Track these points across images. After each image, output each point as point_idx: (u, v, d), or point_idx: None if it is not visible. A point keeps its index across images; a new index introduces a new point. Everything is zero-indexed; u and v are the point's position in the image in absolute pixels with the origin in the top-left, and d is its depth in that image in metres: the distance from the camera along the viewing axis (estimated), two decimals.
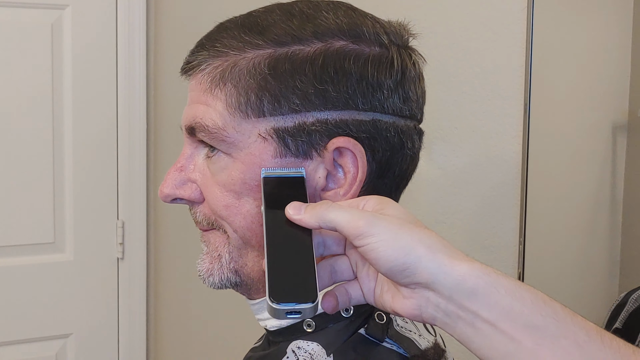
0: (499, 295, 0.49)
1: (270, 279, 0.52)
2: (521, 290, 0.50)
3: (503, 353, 0.49)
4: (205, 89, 0.64)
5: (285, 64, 0.61)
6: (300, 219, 0.55)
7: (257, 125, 0.62)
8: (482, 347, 0.50)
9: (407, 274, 0.51)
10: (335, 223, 0.53)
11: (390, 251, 0.50)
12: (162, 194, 0.67)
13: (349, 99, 0.61)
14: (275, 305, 0.51)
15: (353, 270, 0.58)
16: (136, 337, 2.15)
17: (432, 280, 0.50)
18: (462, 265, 0.50)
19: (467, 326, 0.50)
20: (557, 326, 0.49)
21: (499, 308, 0.49)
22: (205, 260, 0.68)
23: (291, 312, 0.51)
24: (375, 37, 0.63)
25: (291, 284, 0.52)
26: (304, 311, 0.51)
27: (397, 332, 0.64)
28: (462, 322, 0.50)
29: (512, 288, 0.50)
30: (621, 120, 0.98)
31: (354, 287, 0.58)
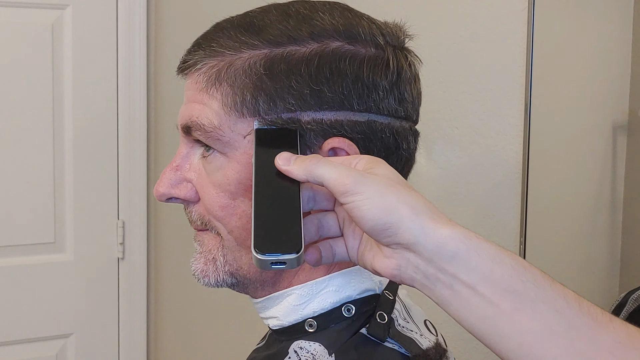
0: (480, 258, 0.50)
1: (256, 230, 0.53)
2: (502, 255, 0.51)
3: (481, 316, 0.50)
4: (201, 88, 0.64)
5: (281, 64, 0.61)
6: (288, 170, 0.56)
7: (252, 125, 0.62)
8: (460, 310, 0.51)
9: (388, 234, 0.51)
10: (322, 178, 0.53)
11: (375, 210, 0.51)
12: (158, 193, 0.67)
13: (344, 100, 0.61)
14: (260, 255, 0.52)
15: (340, 227, 0.59)
16: (136, 337, 2.15)
17: (413, 242, 0.51)
18: (445, 228, 0.51)
19: (445, 289, 0.51)
20: (535, 292, 0.49)
21: (478, 271, 0.50)
22: (199, 261, 0.68)
23: (276, 262, 0.52)
24: (371, 38, 0.63)
25: (276, 235, 0.53)
26: (288, 261, 0.52)
27: (398, 332, 0.64)
28: (441, 285, 0.51)
29: (493, 252, 0.50)
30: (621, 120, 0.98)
31: (339, 243, 0.59)
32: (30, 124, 1.97)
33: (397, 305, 0.67)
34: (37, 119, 1.98)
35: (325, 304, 0.65)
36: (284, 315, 0.66)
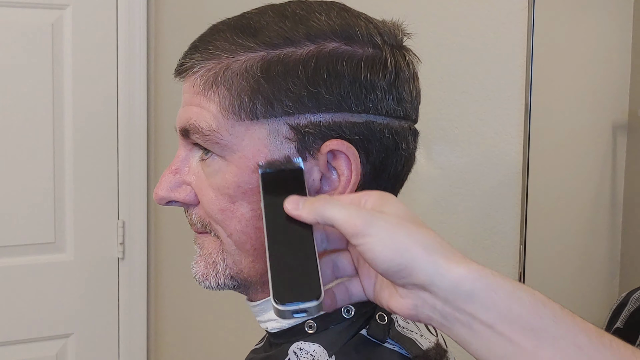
0: (497, 297, 0.49)
1: (274, 280, 0.52)
2: (519, 292, 0.50)
3: (501, 355, 0.49)
4: (198, 91, 0.63)
5: (278, 66, 0.61)
6: (298, 215, 0.54)
7: (250, 128, 0.61)
8: (480, 349, 0.50)
9: (402, 275, 0.50)
10: (332, 220, 0.52)
11: (387, 251, 0.50)
12: (157, 196, 0.67)
13: (342, 101, 0.61)
14: (281, 306, 0.50)
15: (354, 266, 0.58)
16: (136, 337, 2.15)
17: (428, 283, 0.50)
18: (460, 267, 0.49)
19: (464, 328, 0.50)
20: (556, 328, 0.49)
21: (496, 310, 0.49)
22: (199, 264, 0.68)
23: (297, 311, 0.51)
24: (369, 38, 0.62)
25: (295, 284, 0.52)
26: (309, 310, 0.51)
27: (398, 333, 0.64)
28: (459, 324, 0.50)
29: (510, 290, 0.49)
30: (621, 120, 0.98)
31: (355, 283, 0.57)
32: (30, 124, 1.97)
33: None
34: (37, 119, 1.98)
35: None
36: None
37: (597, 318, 1.03)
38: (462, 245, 1.14)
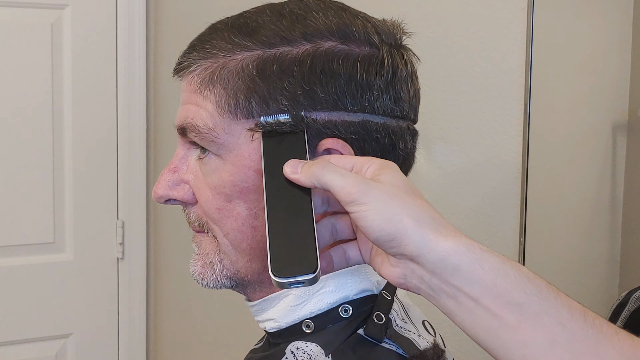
0: (483, 271, 0.50)
1: (272, 252, 0.54)
2: (505, 266, 0.51)
3: (485, 328, 0.50)
4: (195, 90, 0.64)
5: (274, 65, 0.61)
6: (296, 179, 0.56)
7: (246, 127, 0.62)
8: (465, 321, 0.51)
9: (392, 245, 0.52)
10: (328, 186, 0.54)
11: (379, 221, 0.51)
12: (156, 195, 0.67)
13: (337, 100, 0.61)
14: (278, 279, 0.53)
15: (353, 230, 0.59)
16: (136, 337, 2.15)
17: (417, 254, 0.51)
18: (448, 241, 0.51)
19: (450, 300, 0.51)
20: (539, 304, 0.50)
21: (482, 284, 0.50)
22: (197, 263, 0.68)
23: (294, 283, 0.53)
24: (366, 37, 0.62)
25: (292, 256, 0.54)
26: (305, 281, 0.53)
27: (396, 332, 0.63)
28: (446, 296, 0.52)
29: (496, 265, 0.51)
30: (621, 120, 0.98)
31: (353, 247, 0.59)
32: (29, 123, 1.97)
33: (395, 306, 0.66)
34: (36, 118, 1.98)
35: (322, 304, 0.64)
36: (281, 316, 0.66)
37: None
38: None
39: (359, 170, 0.56)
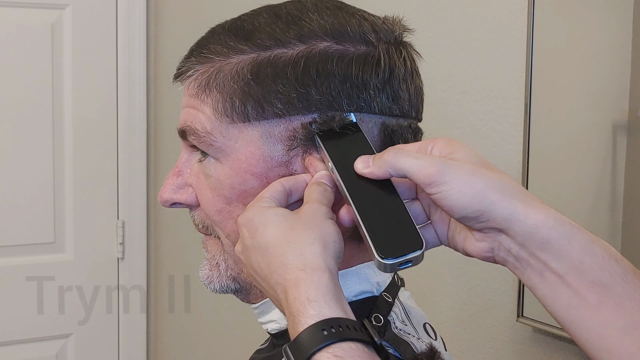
0: (571, 248, 0.50)
1: (374, 237, 0.53)
2: (594, 246, 0.51)
3: (566, 305, 0.51)
4: (192, 94, 0.64)
5: (268, 68, 0.60)
6: (370, 172, 0.56)
7: (243, 131, 0.62)
8: (547, 296, 0.51)
9: (480, 220, 0.52)
10: (405, 171, 0.53)
11: (464, 198, 0.51)
12: (162, 199, 0.68)
13: (332, 101, 0.60)
14: (387, 261, 0.52)
15: (426, 214, 0.59)
16: (136, 337, 2.15)
17: (506, 227, 0.51)
18: (537, 213, 0.51)
19: (535, 274, 0.52)
20: (623, 287, 0.50)
21: (568, 261, 0.50)
22: (205, 267, 0.69)
23: (402, 263, 0.52)
24: (361, 36, 0.62)
25: (395, 237, 0.53)
26: (414, 259, 0.52)
27: (394, 335, 0.63)
28: (531, 270, 0.52)
29: (584, 242, 0.51)
30: (621, 120, 0.98)
31: (429, 230, 0.58)
32: (30, 123, 1.97)
33: (396, 308, 0.66)
34: (36, 118, 1.98)
35: None
36: (281, 318, 0.66)
37: None
38: None
39: (424, 151, 0.56)
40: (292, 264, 0.53)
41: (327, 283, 0.52)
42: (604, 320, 0.49)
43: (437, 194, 0.52)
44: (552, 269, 0.51)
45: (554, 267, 0.50)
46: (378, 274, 0.66)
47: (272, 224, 0.55)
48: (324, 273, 0.52)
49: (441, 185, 0.51)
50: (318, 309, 0.50)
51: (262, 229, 0.55)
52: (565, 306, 0.51)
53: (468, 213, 0.51)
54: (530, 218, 0.51)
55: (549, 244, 0.50)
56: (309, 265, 0.52)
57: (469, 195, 0.51)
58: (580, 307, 0.50)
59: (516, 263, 0.52)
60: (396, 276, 0.69)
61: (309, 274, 0.52)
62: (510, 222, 0.51)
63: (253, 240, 0.56)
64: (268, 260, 0.54)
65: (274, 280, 0.54)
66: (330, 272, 0.53)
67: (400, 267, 0.52)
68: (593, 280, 0.50)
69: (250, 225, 0.56)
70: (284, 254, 0.54)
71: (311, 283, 0.51)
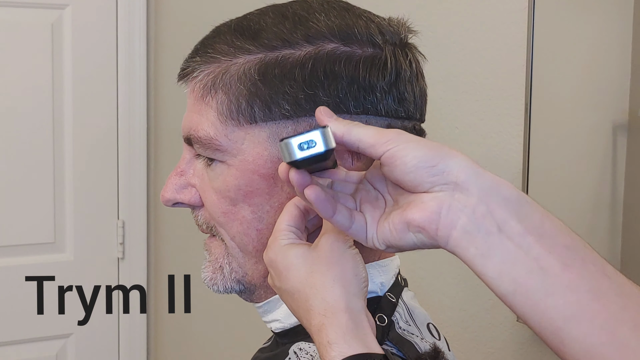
0: (531, 209, 0.48)
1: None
2: (551, 214, 0.49)
3: (527, 269, 0.47)
4: (197, 96, 0.64)
5: (275, 69, 0.60)
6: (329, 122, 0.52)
7: (249, 132, 0.61)
8: (504, 262, 0.47)
9: (435, 172, 0.48)
10: (360, 136, 0.51)
11: (420, 148, 0.49)
12: (164, 198, 0.67)
13: (340, 103, 0.60)
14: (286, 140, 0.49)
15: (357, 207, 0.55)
16: (136, 337, 2.15)
17: (464, 179, 0.48)
18: (495, 175, 0.49)
19: (490, 236, 0.47)
20: (585, 252, 0.47)
21: (529, 221, 0.47)
22: (208, 269, 0.69)
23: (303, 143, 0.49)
24: (368, 38, 0.61)
25: None
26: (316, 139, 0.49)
27: (398, 335, 0.63)
28: (485, 231, 0.47)
29: (542, 209, 0.49)
30: (621, 120, 0.98)
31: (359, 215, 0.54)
32: (30, 123, 1.97)
33: (399, 308, 0.66)
34: (36, 118, 1.98)
35: None
36: (285, 317, 0.66)
37: None
38: None
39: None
40: (315, 309, 0.54)
41: (347, 323, 0.53)
42: (570, 284, 0.46)
43: (392, 149, 0.49)
44: (512, 227, 0.47)
45: (514, 225, 0.47)
46: (382, 274, 0.66)
47: (294, 267, 0.57)
48: (344, 314, 0.53)
49: (397, 141, 0.49)
50: (338, 349, 0.51)
51: (286, 273, 0.57)
52: (528, 271, 0.46)
53: (424, 161, 0.48)
54: (489, 175, 0.48)
55: (510, 202, 0.48)
56: (329, 310, 0.54)
57: (426, 148, 0.49)
58: (544, 271, 0.46)
59: (468, 225, 0.47)
60: (399, 277, 0.69)
61: (329, 318, 0.53)
62: (470, 175, 0.48)
63: (280, 284, 0.58)
64: (296, 305, 0.57)
65: (304, 324, 0.56)
66: (351, 311, 0.54)
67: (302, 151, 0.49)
68: (556, 242, 0.47)
69: (274, 268, 0.58)
70: (307, 299, 0.55)
71: (330, 327, 0.53)
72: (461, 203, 0.48)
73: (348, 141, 0.52)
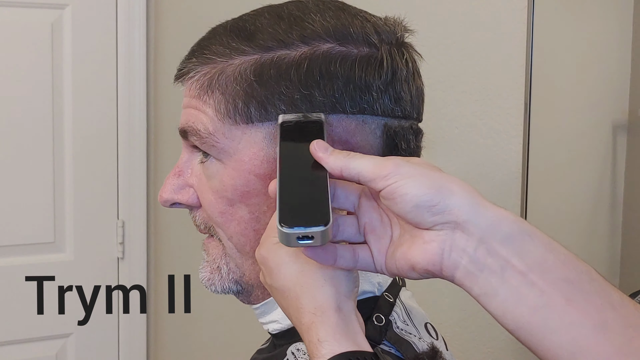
0: (533, 244, 0.47)
1: (281, 204, 0.50)
2: (554, 243, 0.48)
3: (531, 307, 0.46)
4: (194, 95, 0.64)
5: (271, 69, 0.60)
6: (325, 158, 0.52)
7: (246, 132, 0.61)
8: (508, 300, 0.47)
9: (436, 211, 0.48)
10: (359, 170, 0.50)
11: (421, 186, 0.48)
12: (162, 199, 0.67)
13: (336, 103, 0.60)
14: (286, 229, 0.48)
15: (360, 232, 0.55)
16: (136, 337, 2.15)
17: (465, 219, 0.47)
18: (498, 209, 0.48)
19: (493, 276, 0.47)
20: (590, 284, 0.46)
21: (532, 257, 0.46)
22: (205, 269, 0.69)
23: (302, 237, 0.49)
24: (364, 38, 0.61)
25: (302, 208, 0.50)
26: (316, 235, 0.48)
27: (396, 335, 0.63)
28: (488, 271, 0.47)
29: (545, 240, 0.47)
30: (621, 119, 0.98)
31: (364, 249, 0.54)
32: (30, 123, 1.97)
33: (397, 308, 0.66)
34: (36, 118, 1.98)
35: None
36: (283, 317, 0.66)
37: None
38: None
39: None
40: (305, 308, 0.54)
41: (337, 322, 0.53)
42: (574, 320, 0.45)
43: (393, 184, 0.48)
44: (514, 266, 0.46)
45: (515, 264, 0.46)
46: (379, 274, 0.66)
47: (285, 265, 0.56)
48: (334, 313, 0.53)
49: (397, 175, 0.48)
50: (329, 347, 0.51)
51: (277, 271, 0.56)
52: (531, 308, 0.46)
53: (423, 200, 0.47)
54: (490, 211, 0.47)
55: (511, 239, 0.47)
56: (319, 309, 0.53)
57: (426, 184, 0.48)
58: (548, 308, 0.45)
59: (470, 266, 0.47)
60: (397, 276, 0.69)
61: (319, 316, 0.53)
62: (469, 214, 0.47)
63: (271, 281, 0.57)
64: (287, 303, 0.56)
65: (294, 322, 0.56)
66: (341, 310, 0.54)
67: (299, 241, 0.48)
68: (559, 277, 0.46)
69: (266, 265, 0.58)
70: (298, 298, 0.55)
71: (321, 325, 0.52)
72: (462, 243, 0.48)
73: (347, 176, 0.51)
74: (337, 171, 0.52)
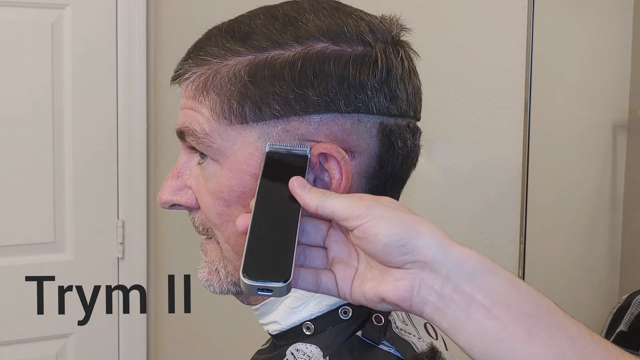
0: (496, 280, 0.50)
1: (247, 254, 0.53)
2: (517, 280, 0.51)
3: (495, 340, 0.49)
4: (190, 96, 0.64)
5: (265, 70, 0.60)
6: (303, 196, 0.55)
7: (241, 132, 0.61)
8: (474, 335, 0.50)
9: (405, 251, 0.51)
10: (333, 209, 0.53)
11: (391, 227, 0.51)
12: (161, 200, 0.68)
13: (330, 102, 0.60)
14: (247, 280, 0.52)
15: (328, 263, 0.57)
16: (136, 337, 2.15)
17: (432, 259, 0.50)
18: (462, 248, 0.51)
19: (459, 311, 0.50)
20: (550, 317, 0.50)
21: (495, 293, 0.50)
22: (204, 270, 0.69)
23: (262, 289, 0.52)
24: (358, 36, 0.61)
25: (266, 262, 0.53)
26: (275, 290, 0.52)
27: (395, 335, 0.63)
28: (455, 307, 0.50)
29: (507, 276, 0.51)
30: (621, 119, 0.98)
31: (328, 276, 0.56)
32: (29, 123, 1.97)
33: None
34: (36, 118, 1.98)
35: (321, 306, 0.65)
36: (282, 318, 0.66)
37: (597, 318, 1.03)
38: None
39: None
40: None
41: None
42: (536, 352, 0.49)
43: (365, 223, 0.51)
44: (479, 302, 0.50)
45: (480, 299, 0.50)
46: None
47: None
48: None
49: (368, 216, 0.51)
50: None
51: None
52: (495, 341, 0.49)
53: (393, 240, 0.51)
54: (456, 250, 0.50)
55: (475, 276, 0.50)
56: None
57: (396, 225, 0.51)
58: (511, 340, 0.49)
59: (438, 302, 0.51)
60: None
61: None
62: (436, 254, 0.50)
63: None
64: None
65: None
66: None
67: (259, 292, 0.52)
68: (521, 312, 0.49)
69: None
70: None
71: None
72: (430, 281, 0.51)
73: (322, 214, 0.54)
74: (312, 209, 0.55)
